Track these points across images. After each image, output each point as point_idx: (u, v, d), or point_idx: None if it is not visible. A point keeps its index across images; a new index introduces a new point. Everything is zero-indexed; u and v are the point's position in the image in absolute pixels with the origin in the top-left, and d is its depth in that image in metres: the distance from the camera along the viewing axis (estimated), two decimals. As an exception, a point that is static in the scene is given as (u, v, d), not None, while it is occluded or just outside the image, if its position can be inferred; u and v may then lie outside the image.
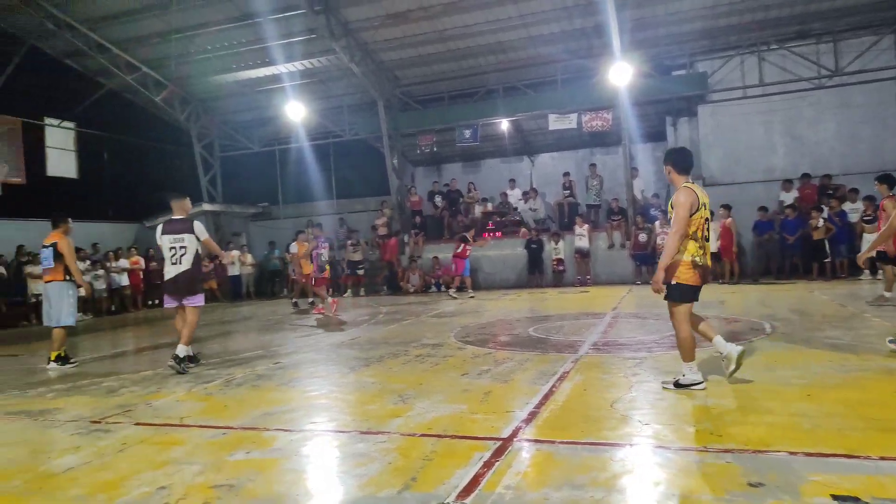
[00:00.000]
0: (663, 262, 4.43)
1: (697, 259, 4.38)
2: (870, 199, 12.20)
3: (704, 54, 16.18)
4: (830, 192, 14.45)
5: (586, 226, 15.93)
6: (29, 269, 13.98)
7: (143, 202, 20.58)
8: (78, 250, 15.32)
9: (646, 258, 15.23)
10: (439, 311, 11.31)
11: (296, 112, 17.81)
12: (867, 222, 12.31)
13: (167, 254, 6.55)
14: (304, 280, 12.82)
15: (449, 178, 20.66)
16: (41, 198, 16.93)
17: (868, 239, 12.10)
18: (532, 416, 3.98)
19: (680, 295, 4.44)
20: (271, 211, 21.77)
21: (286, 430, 4.02)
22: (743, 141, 16.02)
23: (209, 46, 16.46)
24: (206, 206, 19.77)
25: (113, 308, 16.15)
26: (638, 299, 11.65)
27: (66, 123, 18.34)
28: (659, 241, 14.08)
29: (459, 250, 14.29)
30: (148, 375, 6.34)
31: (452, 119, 17.98)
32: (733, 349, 4.47)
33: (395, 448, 3.50)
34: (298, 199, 21.42)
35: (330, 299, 11.98)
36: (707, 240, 4.47)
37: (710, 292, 10.29)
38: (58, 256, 7.29)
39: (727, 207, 13.91)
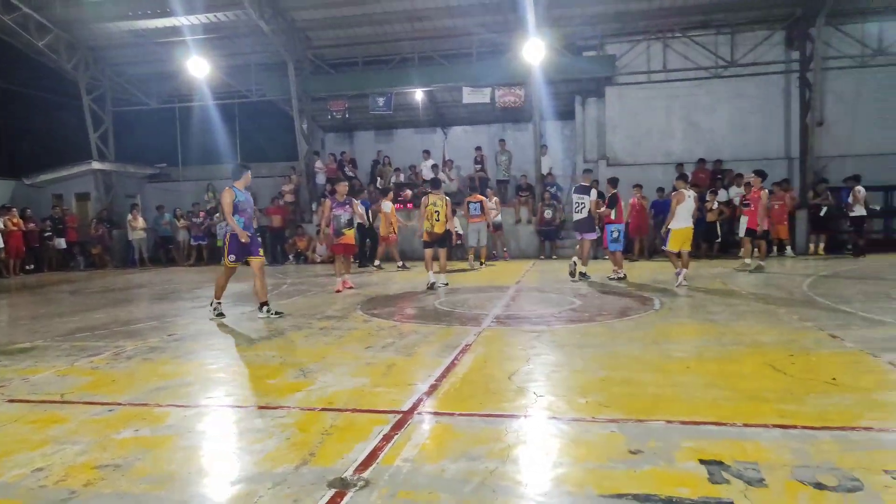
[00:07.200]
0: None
1: (427, 228, 9.83)
2: (749, 185, 13.35)
3: (614, 37, 16.70)
4: (720, 176, 15.50)
5: (495, 199, 16.15)
6: None
7: (24, 156, 18.86)
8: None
9: (550, 234, 15.74)
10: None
11: (198, 68, 16.80)
12: (745, 206, 13.41)
13: None
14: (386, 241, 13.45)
15: (361, 146, 20.33)
16: None
17: (744, 221, 13.42)
18: (433, 388, 4.05)
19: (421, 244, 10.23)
20: (170, 172, 20.57)
21: (180, 406, 3.87)
22: (645, 124, 16.79)
23: (101, -11, 15.13)
24: (96, 165, 18.41)
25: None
26: (540, 274, 12.05)
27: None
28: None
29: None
30: (25, 348, 5.89)
31: (366, 85, 17.62)
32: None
33: (294, 423, 3.46)
34: (200, 160, 20.37)
35: (339, 279, 9.95)
36: (437, 220, 9.73)
37: (606, 268, 10.83)
38: None
39: (639, 187, 14.53)
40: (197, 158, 20.41)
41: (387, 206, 14.04)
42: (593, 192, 10.32)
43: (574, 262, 10.53)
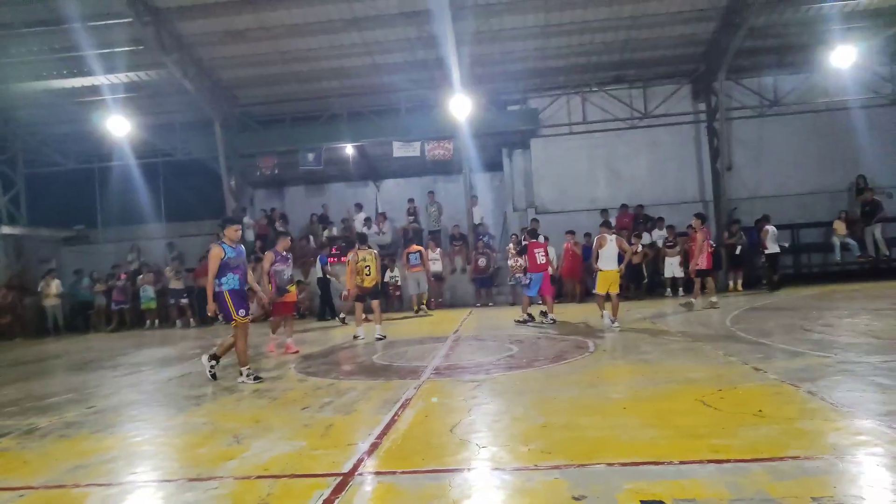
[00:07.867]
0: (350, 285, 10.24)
1: (358, 282, 9.99)
2: (671, 228, 14.05)
3: (536, 92, 17.51)
4: (643, 220, 16.23)
5: (439, 250, 16.26)
6: None
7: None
8: None
9: (485, 281, 15.92)
10: (280, 341, 10.85)
11: (118, 127, 16.34)
12: (669, 247, 14.06)
13: None
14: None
15: (292, 201, 20.16)
16: None
17: (669, 262, 14.02)
18: (374, 447, 3.95)
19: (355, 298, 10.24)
20: (88, 234, 19.65)
21: (101, 485, 3.60)
22: (570, 173, 17.49)
23: (13, 50, 14.61)
24: (5, 229, 17.36)
25: None
26: (478, 322, 12.11)
27: None
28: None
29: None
30: (-78, 431, 5.35)
31: (295, 141, 17.59)
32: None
33: (229, 494, 3.28)
34: (122, 221, 19.59)
35: (288, 340, 9.37)
36: (367, 274, 9.98)
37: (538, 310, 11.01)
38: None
39: (571, 233, 15.00)
40: (118, 219, 19.61)
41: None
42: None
43: (541, 312, 11.12)
